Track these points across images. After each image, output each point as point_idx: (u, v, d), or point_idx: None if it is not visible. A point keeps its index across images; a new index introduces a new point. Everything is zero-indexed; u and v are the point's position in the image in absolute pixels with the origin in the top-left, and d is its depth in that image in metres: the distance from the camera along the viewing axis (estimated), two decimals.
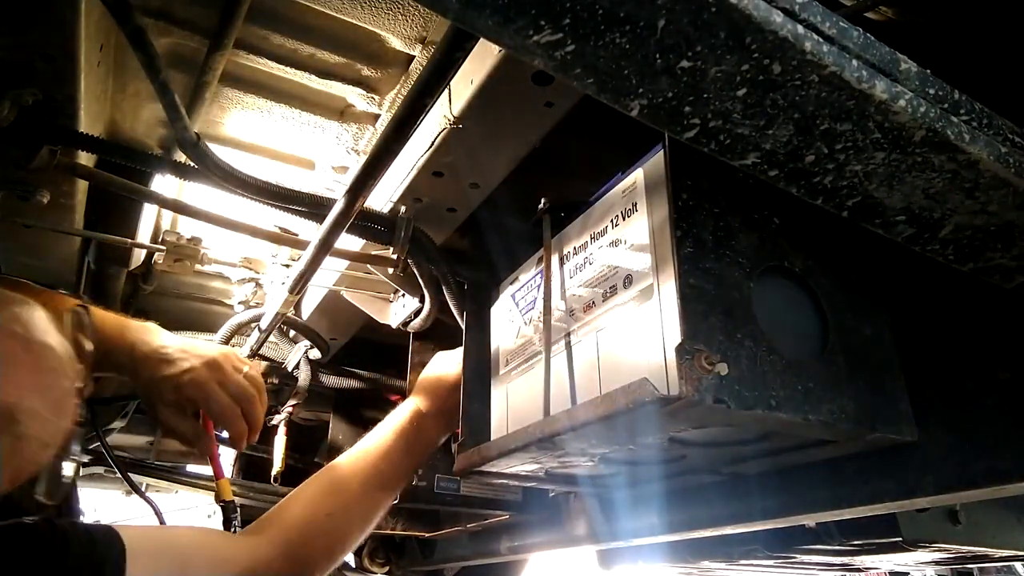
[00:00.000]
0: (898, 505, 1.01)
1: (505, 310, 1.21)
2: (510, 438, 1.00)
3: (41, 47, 0.90)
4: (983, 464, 0.89)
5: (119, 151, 1.11)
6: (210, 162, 0.99)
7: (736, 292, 0.85)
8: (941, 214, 0.69)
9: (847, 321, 0.94)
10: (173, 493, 2.93)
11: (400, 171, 1.15)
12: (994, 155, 0.63)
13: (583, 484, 1.25)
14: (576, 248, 1.04)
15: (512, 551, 1.88)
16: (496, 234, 1.32)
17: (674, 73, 0.53)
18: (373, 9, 1.12)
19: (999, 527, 1.34)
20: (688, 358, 0.76)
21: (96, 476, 2.55)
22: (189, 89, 1.22)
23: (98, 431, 1.86)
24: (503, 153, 1.08)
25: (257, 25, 1.16)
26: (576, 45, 0.50)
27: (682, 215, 0.85)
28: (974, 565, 1.99)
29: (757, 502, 1.18)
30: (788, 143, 0.61)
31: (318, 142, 1.42)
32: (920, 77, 0.60)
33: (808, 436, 0.93)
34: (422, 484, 1.53)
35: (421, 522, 2.05)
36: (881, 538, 1.29)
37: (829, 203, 0.68)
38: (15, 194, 1.17)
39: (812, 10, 0.54)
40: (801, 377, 0.85)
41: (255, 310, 1.67)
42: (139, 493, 1.91)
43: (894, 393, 0.94)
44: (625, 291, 0.90)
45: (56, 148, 1.08)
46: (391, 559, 2.51)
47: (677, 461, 1.10)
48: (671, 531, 1.36)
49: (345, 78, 1.27)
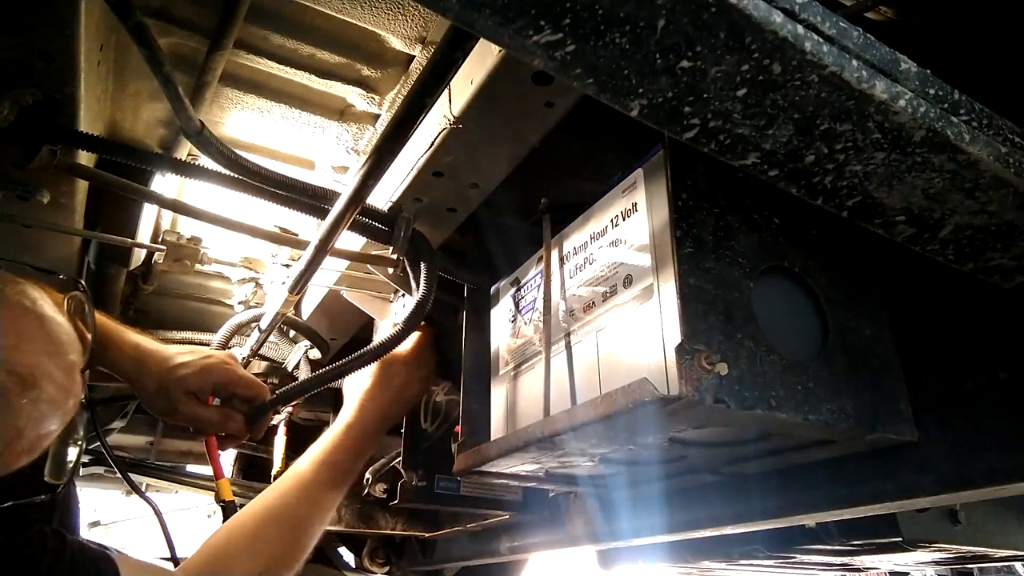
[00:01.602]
0: (898, 505, 1.01)
1: (505, 310, 1.21)
2: (510, 438, 1.00)
3: (41, 47, 0.90)
4: (983, 464, 0.89)
5: (120, 150, 1.11)
6: (214, 150, 0.99)
7: (736, 292, 0.85)
8: (941, 214, 0.69)
9: (847, 321, 0.94)
10: (173, 493, 2.93)
11: (400, 171, 1.15)
12: (994, 155, 0.63)
13: (583, 484, 1.25)
14: (576, 248, 1.04)
15: (512, 551, 1.88)
16: (496, 234, 1.32)
17: (674, 73, 0.53)
18: (373, 9, 1.12)
19: (999, 527, 1.34)
20: (688, 358, 0.76)
21: (96, 476, 2.55)
22: (189, 89, 1.22)
23: (98, 431, 1.86)
24: (503, 153, 1.08)
25: (257, 25, 1.16)
26: (576, 45, 0.50)
27: (682, 215, 0.85)
28: (974, 565, 2.00)
29: (757, 502, 1.18)
30: (788, 143, 0.61)
31: (318, 142, 1.42)
32: (920, 77, 0.60)
33: (808, 436, 0.93)
34: (422, 484, 1.53)
35: (421, 522, 2.05)
36: (881, 538, 1.29)
37: (829, 203, 0.68)
38: (15, 194, 1.17)
39: (812, 10, 0.54)
40: (801, 377, 0.85)
41: (255, 310, 1.67)
42: (139, 493, 1.91)
43: (894, 393, 0.94)
44: (625, 291, 0.90)
45: (56, 148, 1.07)
46: (391, 559, 2.51)
47: (677, 461, 1.10)
48: (671, 531, 1.36)
49: (345, 78, 1.27)
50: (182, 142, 1.39)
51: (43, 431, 0.82)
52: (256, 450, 2.46)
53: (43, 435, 0.82)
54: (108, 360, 1.14)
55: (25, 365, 0.80)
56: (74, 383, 0.86)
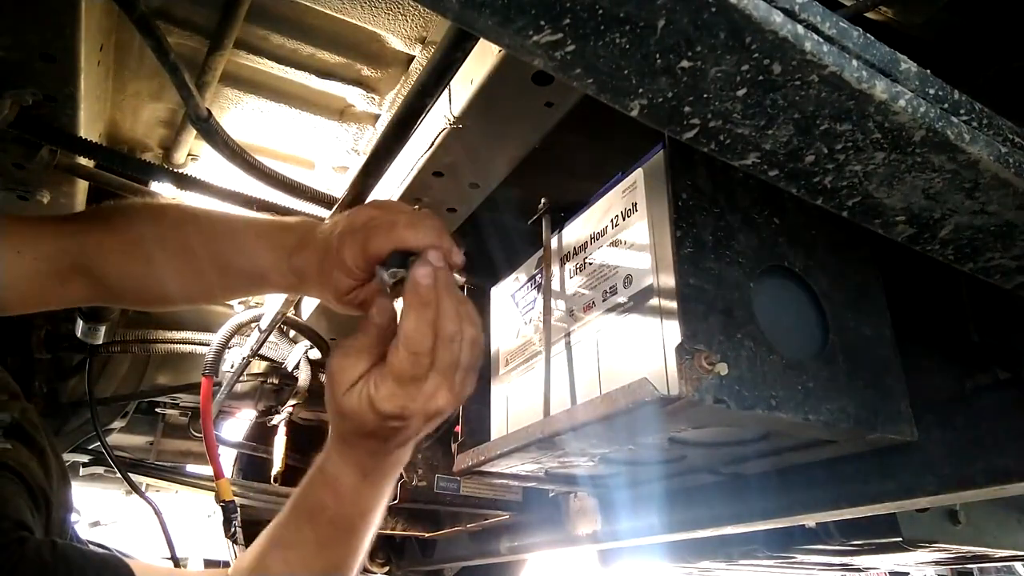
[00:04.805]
0: (898, 505, 1.01)
1: (505, 310, 1.21)
2: (510, 438, 1.00)
3: (41, 47, 0.90)
4: (983, 464, 0.89)
5: (116, 159, 1.11)
6: (219, 139, 0.99)
7: (736, 292, 0.85)
8: (941, 214, 0.69)
9: (847, 321, 0.94)
10: (173, 493, 2.93)
11: (400, 171, 1.15)
12: (994, 155, 0.63)
13: (583, 484, 1.25)
14: (576, 248, 1.04)
15: (512, 551, 1.88)
16: (496, 234, 1.32)
17: (674, 73, 0.53)
18: (373, 9, 1.12)
19: (999, 527, 1.35)
20: (688, 358, 0.76)
21: (96, 476, 2.55)
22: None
23: (98, 431, 1.87)
24: (503, 153, 1.08)
25: (257, 25, 1.16)
26: (576, 45, 0.50)
27: (682, 215, 0.85)
28: (974, 565, 2.00)
29: (757, 502, 1.18)
30: (788, 143, 0.61)
31: (318, 142, 1.42)
32: (920, 77, 0.60)
33: (808, 436, 0.93)
34: (422, 484, 1.53)
35: (421, 522, 2.06)
36: (881, 538, 1.29)
37: (829, 203, 0.68)
38: (15, 194, 1.17)
39: (812, 10, 0.54)
40: (801, 377, 0.85)
41: (255, 310, 1.67)
42: (139, 493, 1.91)
43: (894, 393, 0.94)
44: (625, 291, 0.90)
45: (56, 148, 1.08)
46: (391, 559, 2.51)
47: (677, 461, 1.10)
48: (671, 531, 1.37)
49: (345, 78, 1.27)
50: (182, 142, 1.39)
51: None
52: (256, 450, 2.46)
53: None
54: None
55: None
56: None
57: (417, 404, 0.67)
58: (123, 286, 0.92)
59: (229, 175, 1.28)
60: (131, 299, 1.00)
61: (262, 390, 2.20)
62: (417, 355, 0.66)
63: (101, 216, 0.96)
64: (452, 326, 0.67)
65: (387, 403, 0.66)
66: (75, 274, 0.89)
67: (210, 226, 0.92)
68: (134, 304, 1.26)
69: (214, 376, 1.62)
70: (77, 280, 0.90)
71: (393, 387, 0.66)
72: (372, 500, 0.77)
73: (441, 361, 0.67)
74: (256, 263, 0.85)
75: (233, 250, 0.87)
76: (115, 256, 0.90)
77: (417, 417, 0.68)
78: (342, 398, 0.69)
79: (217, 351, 1.62)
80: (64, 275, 0.88)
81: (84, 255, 0.88)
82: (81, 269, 0.89)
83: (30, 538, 0.71)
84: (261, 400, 2.21)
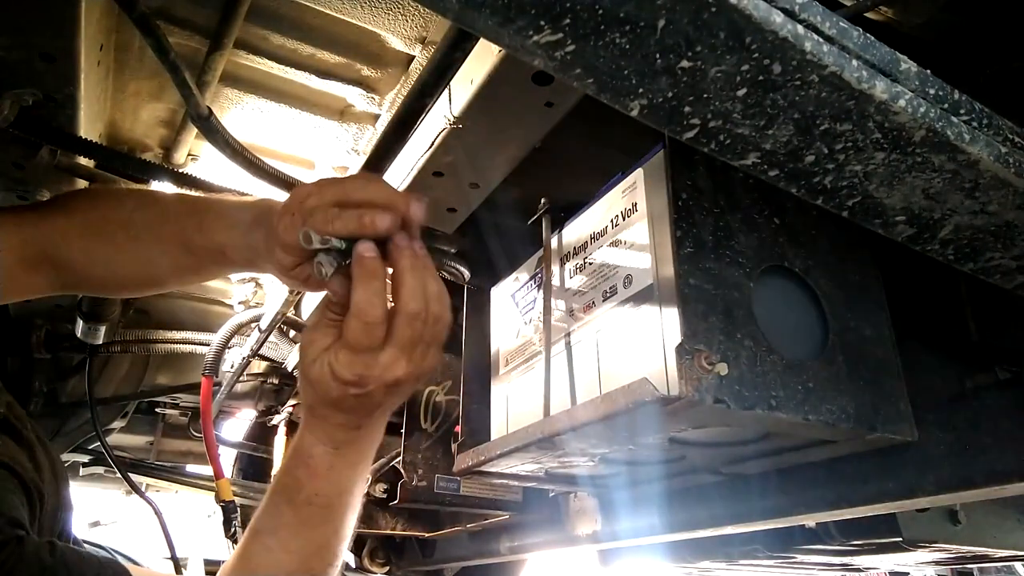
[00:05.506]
0: (898, 505, 1.01)
1: (505, 310, 1.21)
2: (510, 438, 1.00)
3: (41, 47, 0.90)
4: (983, 464, 0.89)
5: (116, 159, 1.11)
6: (220, 137, 0.99)
7: (736, 292, 0.85)
8: (941, 214, 0.69)
9: (847, 321, 0.94)
10: (173, 493, 2.93)
11: (400, 171, 1.15)
12: (994, 155, 0.62)
13: (583, 484, 1.25)
14: (576, 248, 1.04)
15: (512, 551, 1.88)
16: (496, 234, 1.32)
17: (674, 73, 0.53)
18: (373, 9, 1.12)
19: (999, 527, 1.35)
20: (688, 358, 0.76)
21: (96, 476, 2.55)
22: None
23: (98, 431, 1.87)
24: (503, 153, 1.08)
25: (257, 25, 1.16)
26: (576, 45, 0.50)
27: (682, 215, 0.85)
28: (974, 565, 2.00)
29: (757, 502, 1.18)
30: (788, 143, 0.61)
31: (318, 142, 1.42)
32: (920, 77, 0.60)
33: (808, 436, 0.93)
34: (422, 484, 1.53)
35: (421, 522, 2.06)
36: (881, 538, 1.29)
37: (829, 203, 0.68)
38: (15, 194, 1.17)
39: (812, 10, 0.54)
40: (801, 377, 0.85)
41: (255, 310, 1.67)
42: (139, 493, 1.91)
43: (894, 393, 0.94)
44: (625, 291, 0.90)
45: (56, 148, 1.08)
46: (391, 559, 2.51)
47: (677, 461, 1.10)
48: (671, 531, 1.37)
49: (345, 78, 1.27)
50: (182, 142, 1.39)
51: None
52: (256, 450, 2.46)
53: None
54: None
55: None
56: None
57: (374, 372, 0.69)
58: (90, 272, 0.93)
59: (229, 175, 1.28)
60: (100, 284, 1.01)
61: (262, 390, 2.20)
62: (368, 324, 0.68)
63: (62, 203, 0.97)
64: (415, 304, 0.69)
65: (345, 370, 0.69)
66: (41, 263, 0.90)
67: (172, 206, 0.94)
68: (105, 290, 1.26)
69: (214, 376, 1.62)
70: (44, 268, 0.91)
71: (350, 355, 0.69)
72: (348, 478, 0.78)
73: (401, 335, 0.69)
74: (215, 239, 0.87)
75: (194, 227, 0.89)
76: (79, 241, 0.91)
77: (376, 386, 0.70)
78: (308, 367, 0.71)
79: (217, 351, 1.62)
80: (30, 264, 0.89)
81: (48, 242, 0.90)
82: (46, 257, 0.90)
83: (29, 538, 0.70)
84: (261, 400, 2.21)
